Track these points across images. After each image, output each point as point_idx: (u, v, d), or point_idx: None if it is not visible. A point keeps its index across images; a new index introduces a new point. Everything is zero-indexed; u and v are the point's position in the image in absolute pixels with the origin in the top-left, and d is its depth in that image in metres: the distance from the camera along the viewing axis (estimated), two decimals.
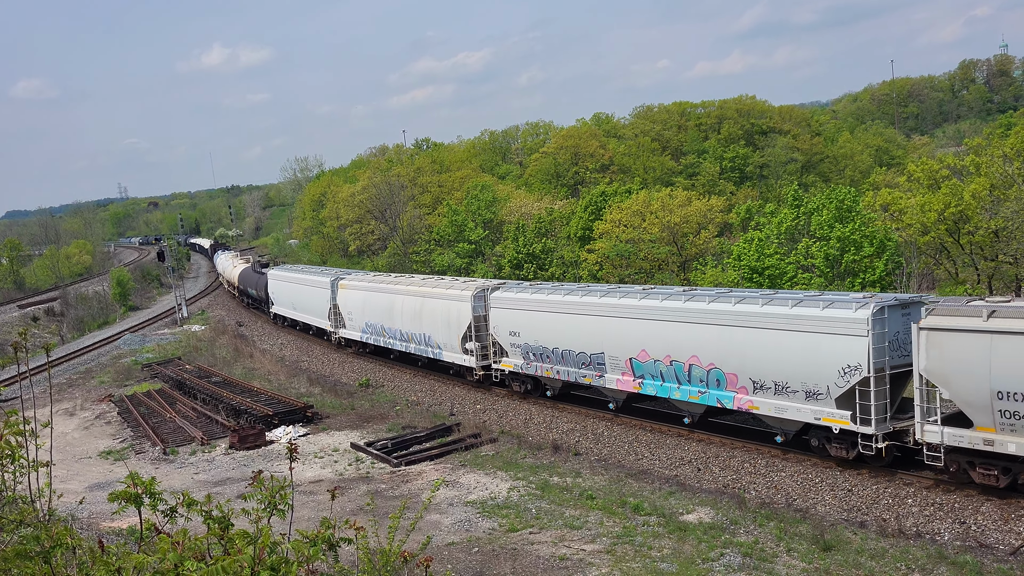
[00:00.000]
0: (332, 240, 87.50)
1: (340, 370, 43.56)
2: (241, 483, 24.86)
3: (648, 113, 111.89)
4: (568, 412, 29.95)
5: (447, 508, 21.86)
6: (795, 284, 39.26)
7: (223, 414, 34.39)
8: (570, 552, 18.12)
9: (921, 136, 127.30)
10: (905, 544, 17.58)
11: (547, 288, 32.08)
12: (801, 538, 18.14)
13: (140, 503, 4.26)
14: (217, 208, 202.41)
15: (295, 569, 4.18)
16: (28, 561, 4.15)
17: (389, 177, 77.98)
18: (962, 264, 38.08)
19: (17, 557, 4.14)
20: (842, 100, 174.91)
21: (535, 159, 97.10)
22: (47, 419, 5.94)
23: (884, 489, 20.13)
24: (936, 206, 35.49)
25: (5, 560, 4.16)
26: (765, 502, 20.99)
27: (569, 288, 31.30)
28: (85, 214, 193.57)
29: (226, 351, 51.10)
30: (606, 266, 48.41)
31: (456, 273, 58.80)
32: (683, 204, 48.73)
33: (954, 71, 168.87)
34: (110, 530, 20.15)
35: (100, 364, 50.84)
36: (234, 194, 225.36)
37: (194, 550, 4.07)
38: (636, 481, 23.41)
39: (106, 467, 29.09)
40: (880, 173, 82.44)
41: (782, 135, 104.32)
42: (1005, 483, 18.30)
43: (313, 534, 4.48)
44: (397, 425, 31.57)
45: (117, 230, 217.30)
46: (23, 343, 5.27)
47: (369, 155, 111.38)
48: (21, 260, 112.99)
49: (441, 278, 41.73)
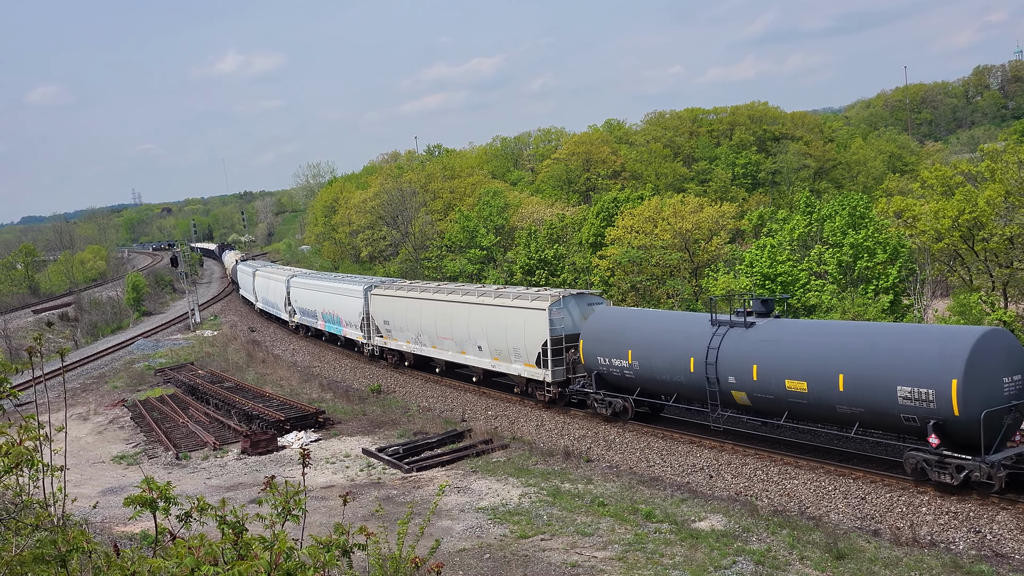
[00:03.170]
0: (344, 246, 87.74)
1: (352, 376, 43.64)
2: (253, 488, 24.91)
3: (660, 119, 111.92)
4: (579, 418, 29.88)
5: (458, 514, 21.85)
6: (808, 291, 39.14)
7: (235, 419, 34.50)
8: (581, 559, 18.08)
9: (935, 142, 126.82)
10: (919, 553, 17.45)
11: (406, 286, 42.44)
12: (814, 546, 18.04)
13: (155, 508, 4.28)
14: (230, 214, 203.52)
15: (311, 574, 4.19)
16: (44, 565, 4.17)
17: (401, 183, 78.14)
18: (976, 271, 37.86)
19: (34, 561, 4.17)
20: (855, 106, 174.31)
21: (547, 165, 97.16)
22: (61, 423, 5.97)
23: (898, 497, 20.01)
24: (950, 212, 35.31)
25: (22, 564, 4.18)
26: (778, 509, 20.89)
27: (412, 285, 42.02)
28: (99, 220, 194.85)
29: (238, 356, 51.27)
30: (617, 272, 48.35)
31: (467, 279, 58.98)
32: (695, 210, 48.63)
33: (968, 77, 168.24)
34: (124, 534, 20.23)
35: (114, 369, 51.10)
36: (247, 200, 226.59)
37: (209, 555, 4.08)
38: (648, 488, 23.34)
39: (119, 472, 29.22)
40: (893, 179, 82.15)
41: (794, 141, 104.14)
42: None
43: (327, 540, 4.50)
44: (408, 431, 31.59)
45: (131, 236, 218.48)
46: (38, 348, 5.30)
47: (381, 161, 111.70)
48: (36, 265, 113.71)
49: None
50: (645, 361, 26.82)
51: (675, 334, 26.28)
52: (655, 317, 29.25)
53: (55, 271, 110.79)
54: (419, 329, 39.02)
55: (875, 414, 20.51)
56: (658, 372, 26.45)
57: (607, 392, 28.59)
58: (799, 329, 23.82)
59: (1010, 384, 19.18)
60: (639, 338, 27.28)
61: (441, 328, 37.06)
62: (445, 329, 36.76)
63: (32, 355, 5.40)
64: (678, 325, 26.89)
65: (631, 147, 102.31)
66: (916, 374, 19.40)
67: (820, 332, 23.05)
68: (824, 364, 21.39)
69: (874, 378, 20.24)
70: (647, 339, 27.05)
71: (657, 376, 26.57)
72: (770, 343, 23.11)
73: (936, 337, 20.31)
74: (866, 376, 20.44)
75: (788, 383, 22.11)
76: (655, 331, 27.19)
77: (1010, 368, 19.24)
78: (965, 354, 18.76)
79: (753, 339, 23.55)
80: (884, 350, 20.52)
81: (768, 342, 23.16)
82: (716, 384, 24.29)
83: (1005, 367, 19.17)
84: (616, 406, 28.35)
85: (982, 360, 18.81)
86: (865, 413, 20.73)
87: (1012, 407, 19.12)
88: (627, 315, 30.12)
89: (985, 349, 19.00)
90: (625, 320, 29.02)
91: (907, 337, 20.92)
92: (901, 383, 19.62)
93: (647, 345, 26.88)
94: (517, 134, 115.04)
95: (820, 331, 23.19)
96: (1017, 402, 19.20)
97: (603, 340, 28.37)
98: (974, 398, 18.57)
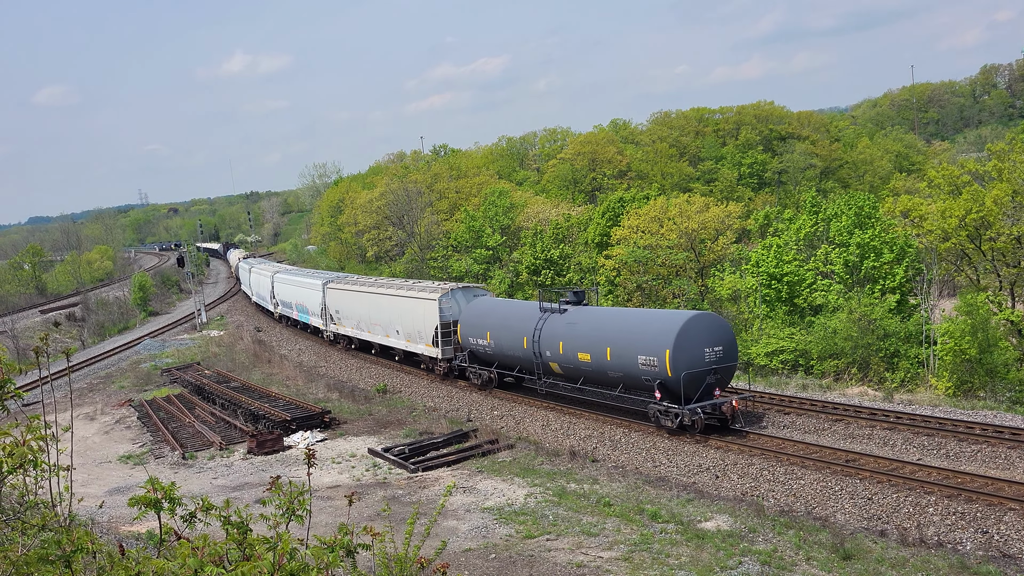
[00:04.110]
0: (350, 246, 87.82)
1: (358, 376, 43.67)
2: (259, 488, 24.95)
3: (666, 119, 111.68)
4: (585, 418, 29.87)
5: (464, 514, 21.85)
6: (815, 291, 39.03)
7: (241, 419, 34.55)
8: (587, 559, 18.06)
9: (941, 142, 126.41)
10: (926, 553, 17.39)
11: (352, 280, 50.03)
12: (821, 546, 17.99)
13: (160, 508, 4.28)
14: (236, 214, 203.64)
15: (314, 575, 4.18)
16: (49, 565, 4.18)
17: (406, 183, 78.16)
18: (983, 270, 37.73)
19: (39, 561, 4.17)
20: (861, 105, 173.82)
21: (552, 165, 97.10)
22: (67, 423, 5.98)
23: (905, 497, 19.95)
24: (957, 212, 35.18)
25: (27, 564, 4.19)
26: (784, 510, 20.84)
27: (355, 280, 50.06)
28: (106, 220, 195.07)
29: (244, 356, 51.37)
30: (623, 272, 48.28)
31: (473, 279, 59.02)
32: (701, 210, 48.55)
33: (975, 76, 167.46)
34: (129, 534, 20.29)
35: (120, 369, 51.23)
36: (253, 200, 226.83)
37: (213, 555, 4.08)
38: (653, 488, 23.31)
39: (126, 471, 29.29)
40: (900, 179, 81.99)
41: (800, 141, 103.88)
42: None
43: (331, 540, 4.49)
44: (414, 431, 31.60)
45: (137, 236, 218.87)
46: (44, 348, 5.30)
47: (387, 161, 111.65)
48: (43, 266, 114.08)
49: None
50: (497, 340, 33.60)
51: (516, 319, 32.93)
52: (505, 305, 36.51)
53: (62, 271, 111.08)
54: (359, 317, 46.17)
55: (629, 377, 27.15)
56: (505, 349, 33.27)
57: (479, 366, 35.54)
58: (590, 314, 29.98)
59: (711, 353, 25.80)
60: (494, 322, 34.04)
61: (373, 316, 44.28)
62: (376, 317, 43.91)
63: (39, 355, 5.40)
64: (518, 311, 33.63)
65: (637, 147, 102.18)
66: (648, 346, 26.04)
67: (601, 316, 29.81)
68: (599, 340, 28.13)
69: (626, 350, 26.91)
70: (499, 323, 33.78)
71: (505, 352, 33.40)
72: (572, 325, 29.75)
73: (661, 319, 27.08)
74: (622, 348, 27.07)
75: (579, 355, 28.90)
76: (504, 316, 34.05)
77: (711, 341, 25.83)
78: (675, 331, 25.42)
79: (563, 322, 30.29)
80: (631, 329, 27.39)
81: (571, 324, 29.80)
82: (539, 357, 31.20)
83: (707, 341, 25.78)
84: (484, 377, 35.21)
85: (688, 336, 25.48)
86: (624, 376, 27.39)
87: (712, 370, 25.79)
88: (488, 303, 36.75)
89: (691, 328, 25.59)
90: (486, 308, 35.81)
91: (645, 319, 27.98)
92: (640, 353, 26.31)
93: (499, 327, 33.64)
94: (523, 134, 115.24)
95: (601, 315, 30.00)
96: (717, 366, 25.89)
97: (473, 324, 35.28)
98: (681, 363, 25.20)
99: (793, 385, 32.97)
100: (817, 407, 28.14)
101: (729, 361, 26.30)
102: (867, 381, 33.30)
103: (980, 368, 30.54)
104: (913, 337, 34.40)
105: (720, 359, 26.00)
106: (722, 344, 26.10)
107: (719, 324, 26.82)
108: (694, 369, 25.30)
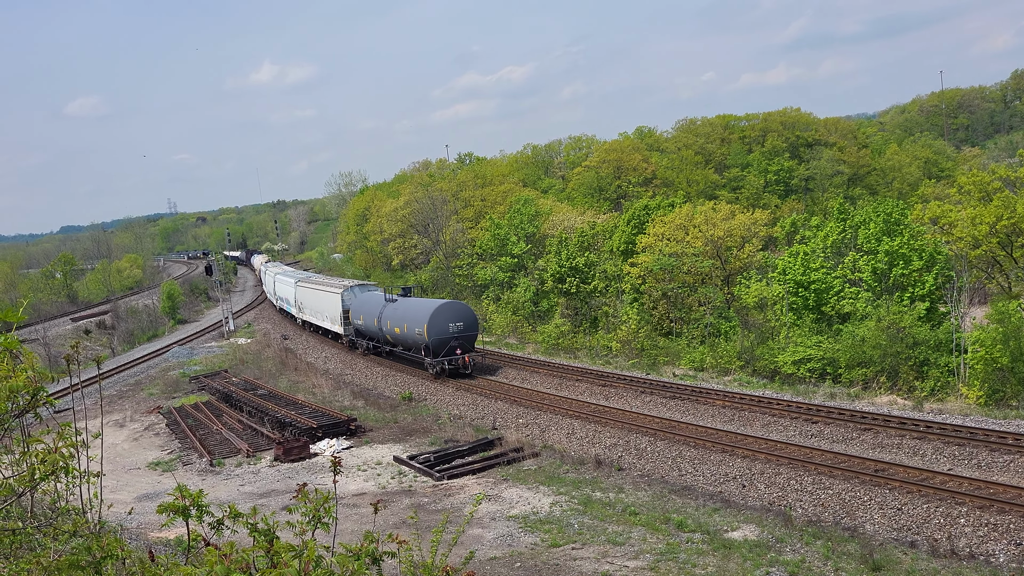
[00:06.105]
0: (375, 254, 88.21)
1: (383, 383, 43.84)
2: (286, 495, 25.08)
3: (691, 126, 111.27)
4: (611, 426, 29.77)
5: (489, 522, 21.83)
6: (842, 298, 38.64)
7: (268, 426, 34.78)
8: (613, 568, 17.98)
9: (972, 148, 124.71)
10: (958, 565, 17.14)
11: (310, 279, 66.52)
12: (849, 557, 17.78)
13: (188, 515, 4.31)
14: (263, 223, 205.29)
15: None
16: (80, 571, 4.23)
17: (432, 191, 78.43)
18: (1015, 278, 37.16)
19: (70, 567, 4.22)
20: (889, 112, 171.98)
21: (577, 173, 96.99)
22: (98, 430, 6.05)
23: (936, 508, 19.67)
24: (988, 219, 34.72)
25: (58, 570, 4.24)
26: (812, 520, 20.63)
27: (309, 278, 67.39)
28: (136, 229, 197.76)
29: (272, 364, 51.74)
30: (649, 280, 48.09)
31: (498, 287, 59.26)
32: (727, 218, 48.25)
33: (1006, 81, 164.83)
34: (158, 540, 20.46)
35: (149, 376, 51.78)
36: (280, 209, 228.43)
37: (240, 562, 4.11)
38: (680, 497, 23.17)
39: (154, 478, 29.57)
40: (929, 185, 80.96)
41: (828, 147, 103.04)
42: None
43: (357, 548, 4.51)
44: (439, 439, 31.65)
45: (166, 244, 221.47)
46: (75, 355, 5.38)
47: (412, 170, 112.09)
48: (74, 274, 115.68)
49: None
50: (366, 320, 48.83)
51: (370, 305, 48.49)
52: (374, 297, 49.56)
53: (93, 280, 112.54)
54: (310, 307, 61.26)
55: (413, 341, 42.15)
56: (368, 327, 48.90)
57: (361, 339, 51.48)
58: (405, 303, 44.50)
59: (453, 327, 40.28)
60: (367, 309, 48.89)
61: (315, 305, 59.87)
62: (316, 306, 59.61)
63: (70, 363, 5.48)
64: (376, 301, 48.14)
65: (662, 154, 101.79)
66: (419, 322, 40.76)
67: (408, 304, 44.15)
68: (402, 319, 43.00)
69: (411, 324, 41.73)
70: (368, 309, 48.59)
71: (369, 329, 48.79)
72: (396, 309, 44.50)
73: (426, 305, 41.86)
74: (410, 324, 41.84)
75: (396, 328, 43.90)
76: (366, 304, 49.37)
77: (453, 319, 40.35)
78: (430, 312, 40.21)
79: (393, 307, 45.10)
80: (414, 312, 42.00)
81: (396, 308, 44.55)
82: (382, 332, 46.35)
83: (451, 318, 40.32)
84: (363, 346, 51.17)
85: (439, 315, 40.16)
86: (412, 342, 42.46)
87: (454, 337, 40.22)
88: (368, 296, 50.83)
89: (442, 310, 40.45)
90: (366, 298, 50.42)
91: (419, 306, 42.59)
92: (415, 326, 41.16)
93: (367, 312, 48.63)
94: (548, 142, 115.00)
95: (408, 304, 44.29)
96: (458, 335, 40.32)
97: (357, 310, 50.81)
98: (433, 332, 40.00)
99: (821, 394, 32.67)
100: (845, 416, 27.86)
101: (469, 332, 40.83)
102: (896, 390, 32.89)
103: (1012, 377, 30.05)
104: (943, 345, 33.92)
105: (461, 331, 40.45)
106: (463, 320, 40.61)
107: (462, 308, 41.94)
108: (442, 336, 40.06)
